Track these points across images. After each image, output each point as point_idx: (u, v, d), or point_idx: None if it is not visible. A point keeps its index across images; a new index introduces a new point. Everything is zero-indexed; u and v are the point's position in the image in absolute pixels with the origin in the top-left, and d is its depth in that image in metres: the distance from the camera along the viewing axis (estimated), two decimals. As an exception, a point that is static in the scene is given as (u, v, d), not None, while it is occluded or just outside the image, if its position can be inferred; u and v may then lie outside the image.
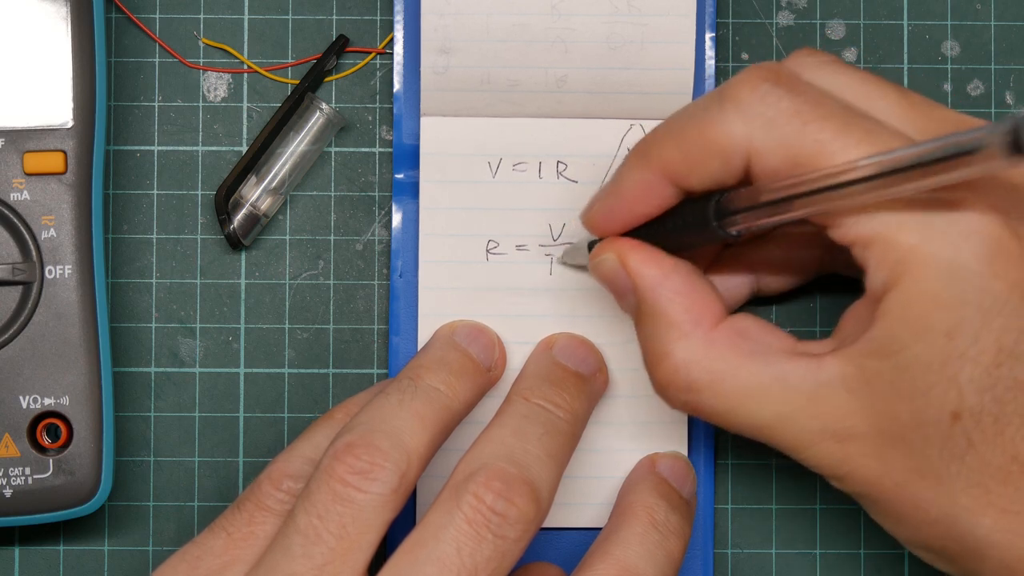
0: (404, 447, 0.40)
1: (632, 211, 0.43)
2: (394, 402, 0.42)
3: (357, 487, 0.39)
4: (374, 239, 0.50)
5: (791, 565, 0.50)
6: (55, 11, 0.47)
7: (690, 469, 0.48)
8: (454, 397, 0.43)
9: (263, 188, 0.49)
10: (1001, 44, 0.51)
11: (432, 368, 0.44)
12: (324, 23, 0.50)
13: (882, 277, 0.38)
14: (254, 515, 0.42)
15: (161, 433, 0.50)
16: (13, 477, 0.46)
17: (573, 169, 0.49)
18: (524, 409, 0.43)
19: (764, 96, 0.39)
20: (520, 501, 0.40)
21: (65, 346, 0.46)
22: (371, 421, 0.41)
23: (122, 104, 0.50)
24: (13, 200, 0.46)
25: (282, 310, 0.50)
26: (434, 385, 0.43)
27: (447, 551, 0.39)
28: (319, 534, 0.39)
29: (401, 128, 0.49)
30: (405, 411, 0.42)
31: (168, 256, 0.50)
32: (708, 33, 0.49)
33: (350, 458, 0.40)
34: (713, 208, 0.41)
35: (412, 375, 0.43)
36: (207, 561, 0.41)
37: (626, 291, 0.43)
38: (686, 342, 0.41)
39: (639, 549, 0.43)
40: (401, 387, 0.43)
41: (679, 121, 0.41)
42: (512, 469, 0.40)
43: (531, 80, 0.48)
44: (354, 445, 0.40)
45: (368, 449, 0.40)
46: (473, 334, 0.47)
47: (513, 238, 0.49)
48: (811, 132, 0.38)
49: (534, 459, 0.41)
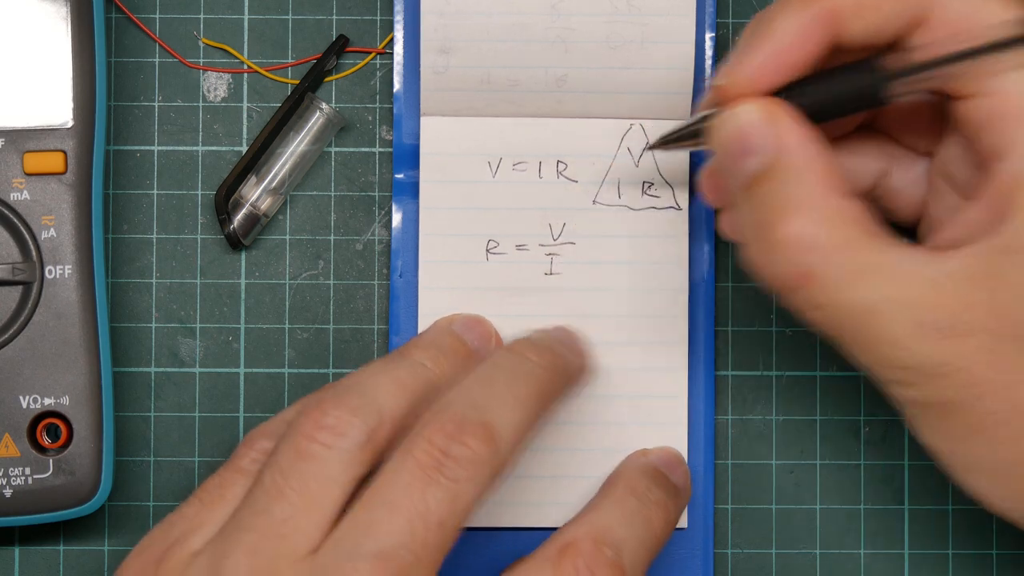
0: (376, 405, 0.40)
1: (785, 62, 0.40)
2: (377, 368, 0.42)
3: (322, 442, 0.39)
4: (374, 239, 0.50)
5: (791, 565, 0.50)
6: (55, 11, 0.47)
7: (682, 460, 0.47)
8: (440, 374, 0.43)
9: (263, 188, 0.49)
10: (1001, 44, 0.51)
11: (422, 347, 0.44)
12: (324, 23, 0.50)
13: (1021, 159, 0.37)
14: (225, 477, 0.42)
15: (161, 433, 0.50)
16: (13, 477, 0.46)
17: (573, 169, 0.49)
18: (498, 357, 0.42)
19: None
20: (472, 442, 0.39)
21: (65, 346, 0.46)
22: (347, 383, 0.41)
23: (122, 104, 0.50)
24: (13, 200, 0.46)
25: (282, 310, 0.50)
26: (421, 360, 0.43)
27: (397, 494, 0.38)
28: (280, 490, 0.39)
29: (401, 128, 0.49)
30: (386, 376, 0.41)
31: (168, 256, 0.50)
32: (708, 33, 0.49)
33: (317, 413, 0.39)
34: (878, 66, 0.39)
35: (402, 351, 0.43)
36: (180, 526, 0.41)
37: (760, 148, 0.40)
38: (818, 202, 0.39)
39: (614, 512, 0.43)
40: (388, 358, 0.43)
41: None
42: (469, 412, 0.39)
43: (531, 80, 0.48)
44: (324, 401, 0.40)
45: (336, 404, 0.40)
46: (470, 324, 0.46)
47: (513, 238, 0.49)
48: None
49: (498, 402, 0.40)
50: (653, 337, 0.49)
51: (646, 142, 0.49)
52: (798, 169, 0.39)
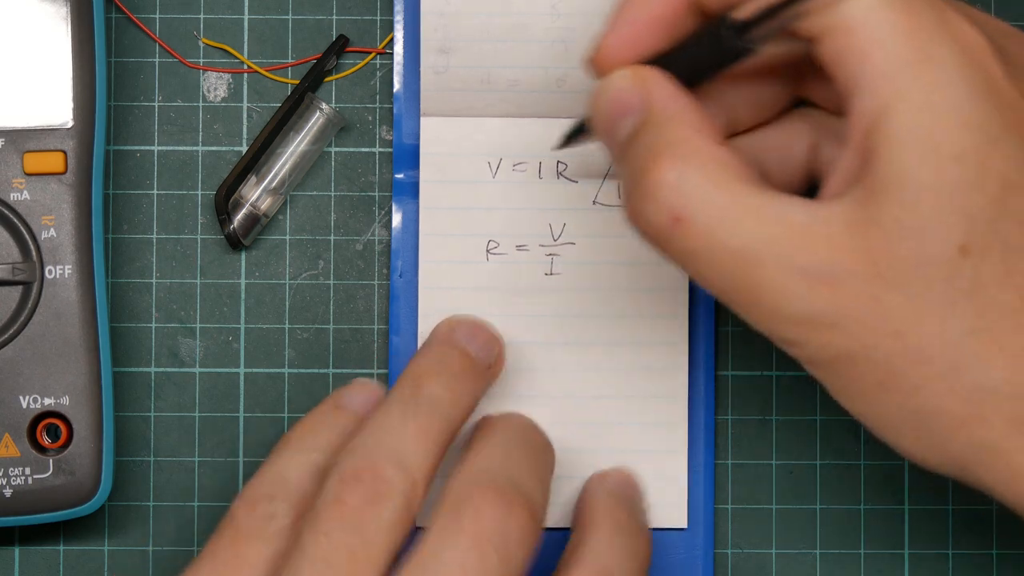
0: (409, 472, 0.40)
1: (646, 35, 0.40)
2: (396, 420, 0.42)
3: (366, 514, 0.39)
4: (374, 239, 0.50)
5: (791, 565, 0.50)
6: (55, 11, 0.47)
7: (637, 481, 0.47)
8: (455, 404, 0.43)
9: (263, 188, 0.49)
10: (1001, 44, 0.51)
11: (433, 372, 0.43)
12: (324, 23, 0.50)
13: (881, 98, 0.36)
14: (236, 539, 0.41)
15: (161, 433, 0.50)
16: (13, 477, 0.46)
17: (573, 169, 0.49)
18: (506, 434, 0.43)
19: None
20: (520, 513, 0.39)
21: (65, 346, 0.46)
22: (375, 444, 0.41)
23: (122, 104, 0.50)
24: (13, 200, 0.46)
25: (282, 310, 0.50)
26: (436, 393, 0.43)
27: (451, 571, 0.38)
28: (329, 562, 0.39)
29: (401, 128, 0.49)
30: (409, 430, 0.41)
31: (168, 256, 0.50)
32: (708, 33, 0.49)
33: (356, 484, 0.40)
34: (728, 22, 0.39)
35: (413, 382, 0.43)
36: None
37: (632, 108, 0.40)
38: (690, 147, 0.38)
39: (608, 550, 0.43)
40: (403, 398, 0.42)
41: None
42: (508, 486, 0.40)
43: (531, 80, 0.48)
44: (360, 471, 0.40)
45: (374, 475, 0.40)
46: (473, 331, 0.46)
47: (513, 238, 0.49)
48: None
49: (527, 478, 0.41)
50: (653, 337, 0.49)
51: None
52: (668, 118, 0.39)
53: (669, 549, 0.49)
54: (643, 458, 0.49)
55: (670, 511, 0.49)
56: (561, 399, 0.49)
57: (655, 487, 0.49)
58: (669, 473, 0.49)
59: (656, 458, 0.49)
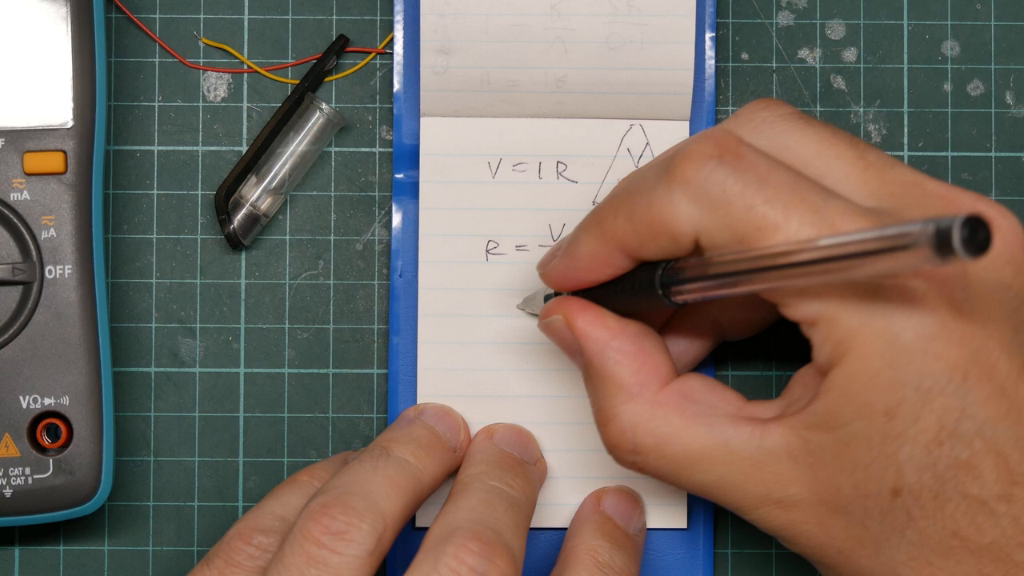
0: (379, 510, 0.41)
1: (586, 276, 0.43)
2: (368, 468, 0.42)
3: (332, 548, 0.39)
4: (374, 239, 0.50)
5: (791, 565, 0.50)
6: (55, 11, 0.47)
7: (637, 501, 0.48)
8: (423, 469, 0.43)
9: (263, 188, 0.49)
10: (1001, 44, 0.51)
11: (401, 441, 0.44)
12: (324, 23, 0.50)
13: (826, 354, 0.38)
14: (224, 571, 0.42)
15: (161, 433, 0.50)
16: (13, 477, 0.46)
17: (573, 169, 0.49)
18: (485, 487, 0.43)
19: (709, 176, 0.39)
20: (500, 561, 0.40)
21: (65, 346, 0.46)
22: (346, 484, 0.41)
23: (122, 104, 0.50)
24: (13, 200, 0.46)
25: (282, 310, 0.50)
26: (404, 456, 0.43)
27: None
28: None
29: (401, 128, 0.49)
30: (379, 476, 0.42)
31: (168, 256, 0.50)
32: (708, 33, 0.49)
33: (325, 519, 0.40)
34: (660, 277, 0.41)
35: (383, 446, 0.44)
36: None
37: (575, 351, 0.44)
38: (632, 405, 0.42)
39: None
40: (373, 455, 0.43)
41: (630, 195, 0.41)
42: (488, 532, 0.40)
43: (531, 80, 0.48)
44: (329, 505, 0.40)
45: (344, 510, 0.40)
46: (440, 415, 0.47)
47: (513, 238, 0.49)
48: (756, 214, 0.38)
49: (504, 526, 0.41)
50: (653, 337, 0.49)
51: (645, 143, 0.49)
52: (607, 372, 0.42)
53: (669, 549, 0.49)
54: (643, 458, 0.49)
55: (670, 511, 0.49)
56: (561, 399, 0.49)
57: (655, 487, 0.49)
58: (669, 473, 0.49)
59: (656, 458, 0.49)
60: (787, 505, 0.40)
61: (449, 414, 0.47)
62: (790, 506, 0.40)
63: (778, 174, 0.39)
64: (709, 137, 0.40)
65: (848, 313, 0.38)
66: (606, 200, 0.42)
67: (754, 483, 0.40)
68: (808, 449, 0.39)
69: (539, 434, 0.48)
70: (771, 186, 0.38)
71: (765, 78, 0.51)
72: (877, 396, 0.38)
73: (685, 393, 0.42)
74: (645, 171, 0.42)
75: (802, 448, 0.39)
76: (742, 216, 0.38)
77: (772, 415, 0.41)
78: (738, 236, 0.38)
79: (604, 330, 0.43)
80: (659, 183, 0.40)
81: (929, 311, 0.37)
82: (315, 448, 0.50)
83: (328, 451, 0.50)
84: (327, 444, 0.50)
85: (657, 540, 0.49)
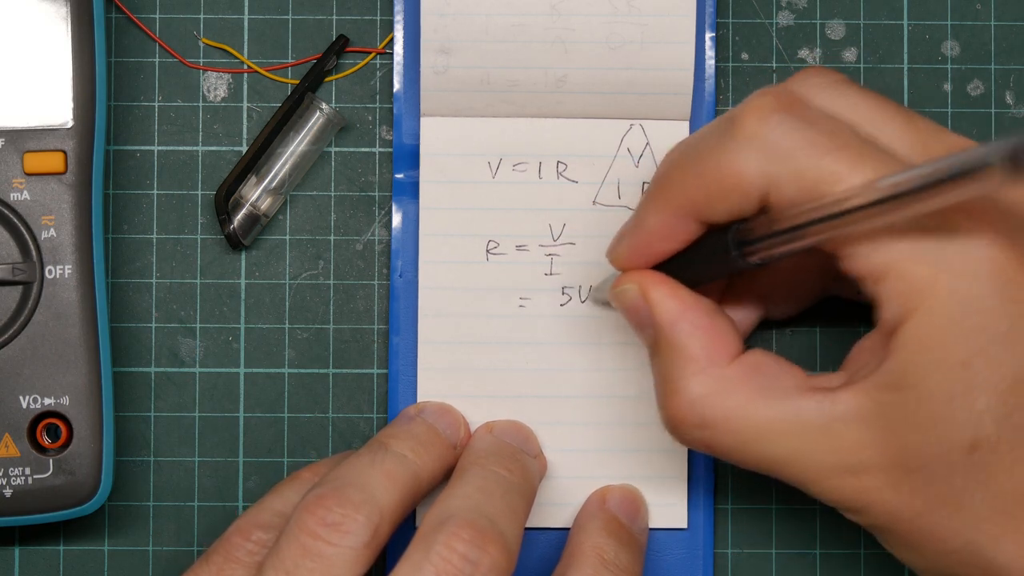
0: (376, 502, 0.40)
1: (657, 248, 0.43)
2: (365, 462, 0.42)
3: (327, 540, 0.39)
4: (374, 239, 0.50)
5: (791, 565, 0.50)
6: (55, 11, 0.47)
7: (641, 502, 0.48)
8: (422, 465, 0.43)
9: (263, 188, 0.49)
10: (1001, 44, 0.51)
11: (400, 437, 0.44)
12: (324, 23, 0.50)
13: (896, 309, 0.38)
14: (223, 567, 0.42)
15: (161, 433, 0.50)
16: (13, 477, 0.46)
17: (573, 169, 0.49)
18: (482, 473, 0.43)
19: (776, 127, 0.39)
20: (492, 549, 0.40)
21: (65, 346, 0.46)
22: (342, 477, 0.41)
23: (122, 104, 0.50)
24: (13, 200, 0.46)
25: (282, 310, 0.50)
26: (402, 452, 0.43)
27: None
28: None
29: (401, 128, 0.49)
30: (376, 470, 0.42)
31: (168, 256, 0.50)
32: (708, 33, 0.49)
33: (321, 510, 0.40)
34: (732, 239, 0.41)
35: (381, 441, 0.44)
36: None
37: (646, 323, 0.43)
38: (702, 377, 0.41)
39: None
40: (372, 449, 0.43)
41: (694, 155, 0.41)
42: (481, 520, 0.40)
43: (531, 80, 0.48)
44: (325, 497, 0.40)
45: (340, 501, 0.40)
46: (440, 412, 0.47)
47: (513, 238, 0.49)
48: (827, 163, 0.38)
49: (500, 513, 0.41)
50: (653, 337, 0.49)
51: (645, 143, 0.49)
52: (678, 344, 0.42)
53: (669, 549, 0.49)
54: (644, 458, 0.49)
55: (670, 511, 0.49)
56: (560, 398, 0.49)
57: (655, 487, 0.49)
58: (669, 473, 0.49)
59: (657, 458, 0.49)
60: (860, 471, 0.39)
61: (449, 411, 0.47)
62: (863, 472, 0.39)
63: (843, 128, 0.39)
64: (768, 92, 0.40)
65: (918, 264, 0.37)
66: (664, 169, 0.42)
67: (824, 452, 0.40)
68: (881, 411, 0.39)
69: (540, 434, 0.48)
70: (839, 137, 0.38)
71: (765, 78, 0.51)
72: (953, 347, 0.37)
73: (753, 367, 0.41)
74: (704, 133, 0.41)
75: (874, 411, 0.39)
76: (813, 164, 0.38)
77: (838, 383, 0.40)
78: (809, 186, 0.38)
79: (678, 302, 0.42)
80: (725, 139, 0.40)
81: (996, 258, 0.37)
82: (315, 448, 0.50)
83: (328, 451, 0.50)
84: (327, 444, 0.50)
85: (657, 540, 0.49)
